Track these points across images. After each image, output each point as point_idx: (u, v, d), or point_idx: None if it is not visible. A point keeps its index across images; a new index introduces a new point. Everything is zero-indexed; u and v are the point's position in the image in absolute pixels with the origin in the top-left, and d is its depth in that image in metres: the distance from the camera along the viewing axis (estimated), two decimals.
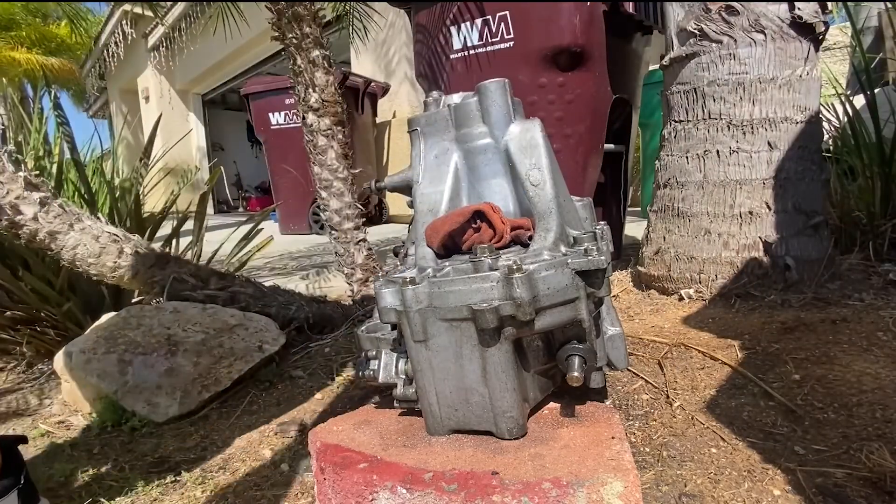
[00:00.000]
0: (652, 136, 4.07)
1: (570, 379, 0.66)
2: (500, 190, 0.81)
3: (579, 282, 0.65)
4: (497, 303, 0.62)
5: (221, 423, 1.07)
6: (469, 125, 0.82)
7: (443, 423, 0.71)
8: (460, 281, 0.64)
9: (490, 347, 0.65)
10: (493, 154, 0.81)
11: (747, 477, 0.74)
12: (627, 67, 2.25)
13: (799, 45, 1.54)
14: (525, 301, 0.61)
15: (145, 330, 1.21)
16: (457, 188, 0.83)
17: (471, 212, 0.74)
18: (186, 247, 1.95)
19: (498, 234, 0.74)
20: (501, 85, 0.81)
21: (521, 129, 0.80)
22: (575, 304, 0.66)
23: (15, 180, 1.31)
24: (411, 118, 0.87)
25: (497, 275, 0.63)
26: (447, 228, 0.74)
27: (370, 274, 1.74)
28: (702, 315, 1.45)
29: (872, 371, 1.01)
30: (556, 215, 0.72)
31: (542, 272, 0.63)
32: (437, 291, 0.66)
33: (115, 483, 0.84)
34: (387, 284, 0.70)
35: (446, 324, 0.66)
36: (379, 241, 3.71)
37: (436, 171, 0.83)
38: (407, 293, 0.67)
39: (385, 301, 0.69)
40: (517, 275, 0.61)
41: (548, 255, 0.67)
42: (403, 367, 0.78)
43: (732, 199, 1.57)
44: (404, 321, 0.68)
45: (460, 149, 0.83)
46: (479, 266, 0.66)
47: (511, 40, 1.98)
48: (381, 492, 0.61)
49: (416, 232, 0.79)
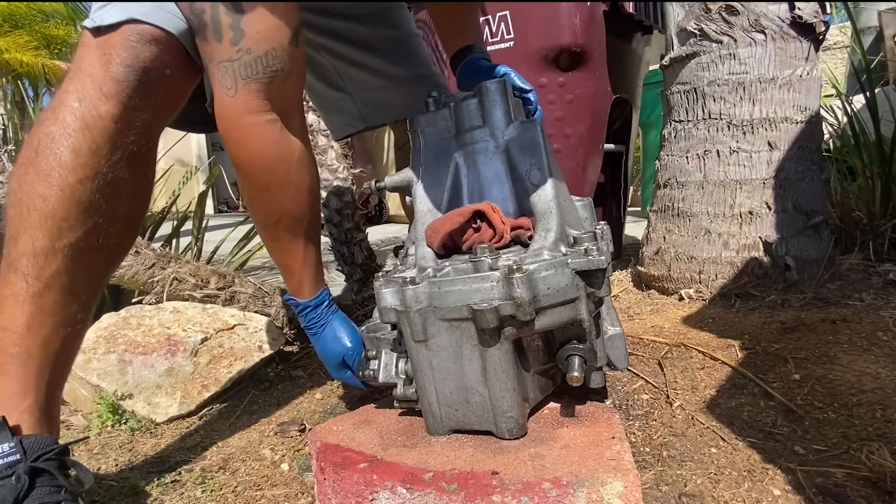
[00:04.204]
0: (651, 135, 4.07)
1: (570, 379, 0.66)
2: (501, 190, 0.81)
3: (579, 282, 0.65)
4: (497, 303, 0.62)
5: (221, 423, 1.07)
6: (469, 125, 0.82)
7: (443, 422, 0.71)
8: (460, 281, 0.64)
9: (490, 347, 0.65)
10: (494, 154, 0.81)
11: (747, 477, 0.74)
12: (627, 67, 2.25)
13: (799, 45, 1.54)
14: (525, 301, 0.61)
15: (145, 330, 1.21)
16: (457, 188, 0.82)
17: (471, 212, 0.74)
18: (186, 247, 1.95)
19: (498, 233, 0.73)
20: (501, 85, 0.82)
21: (522, 129, 0.80)
22: (575, 304, 0.66)
23: None
24: (411, 118, 0.87)
25: (497, 275, 0.63)
26: (447, 228, 0.74)
27: (370, 274, 1.74)
28: (702, 315, 1.45)
29: (872, 371, 1.01)
30: (556, 215, 0.72)
31: (542, 272, 0.63)
32: (437, 291, 0.66)
33: (115, 483, 0.84)
34: (387, 284, 0.69)
35: (446, 324, 0.66)
36: (379, 240, 3.71)
37: (436, 171, 0.83)
38: (407, 293, 0.66)
39: (385, 301, 0.69)
40: (517, 275, 0.61)
41: (548, 255, 0.67)
42: (403, 367, 0.78)
43: (732, 199, 1.57)
44: (404, 321, 0.68)
45: (461, 149, 0.83)
46: (479, 266, 0.66)
47: (511, 40, 1.98)
48: (381, 492, 0.61)
49: (416, 232, 0.79)
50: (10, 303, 0.66)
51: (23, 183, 0.68)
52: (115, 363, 1.13)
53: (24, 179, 0.68)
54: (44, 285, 0.67)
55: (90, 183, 0.69)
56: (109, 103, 0.69)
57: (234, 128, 0.77)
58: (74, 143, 0.68)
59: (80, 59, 0.71)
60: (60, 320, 0.70)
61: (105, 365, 1.12)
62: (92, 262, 0.73)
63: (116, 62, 0.70)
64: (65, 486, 0.64)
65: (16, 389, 0.66)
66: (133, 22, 0.72)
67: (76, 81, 0.70)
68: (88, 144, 0.68)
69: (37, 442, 0.65)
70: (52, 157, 0.67)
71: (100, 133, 0.69)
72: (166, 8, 0.74)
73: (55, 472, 0.64)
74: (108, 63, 0.70)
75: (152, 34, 0.73)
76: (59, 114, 0.69)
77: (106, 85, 0.70)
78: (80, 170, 0.68)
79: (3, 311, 0.67)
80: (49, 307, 0.68)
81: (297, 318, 0.94)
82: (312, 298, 0.91)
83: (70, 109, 0.68)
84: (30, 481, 0.62)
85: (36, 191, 0.67)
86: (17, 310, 0.66)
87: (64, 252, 0.68)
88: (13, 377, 0.66)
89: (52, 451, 0.65)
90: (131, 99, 0.71)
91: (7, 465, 0.62)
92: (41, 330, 0.68)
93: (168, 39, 0.74)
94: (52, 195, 0.67)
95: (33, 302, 0.67)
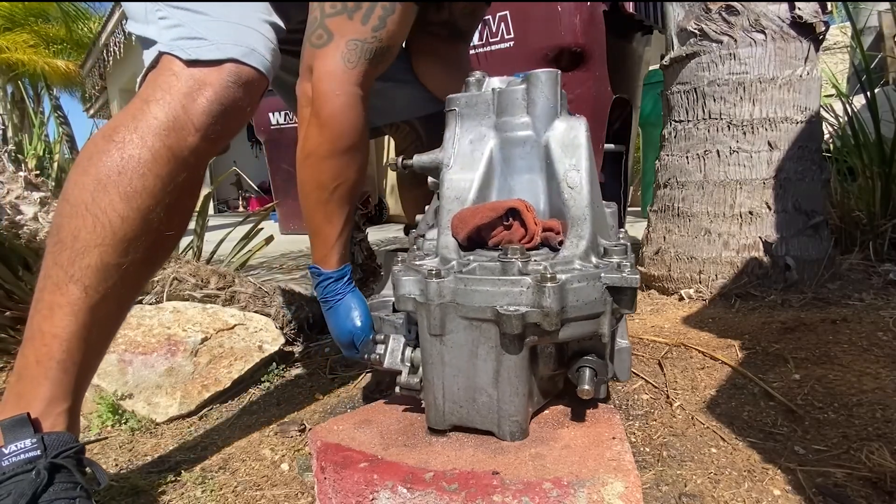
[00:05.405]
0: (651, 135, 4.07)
1: (580, 392, 0.65)
2: (532, 186, 0.76)
3: (608, 297, 0.64)
4: (524, 309, 0.60)
5: (221, 423, 1.07)
6: (511, 113, 0.77)
7: (444, 417, 0.70)
8: (489, 281, 0.62)
9: (508, 352, 0.64)
10: (532, 148, 0.76)
11: (747, 477, 0.74)
12: (627, 67, 2.25)
13: (799, 44, 1.54)
14: (553, 311, 0.59)
15: (145, 330, 1.21)
16: (488, 178, 0.78)
17: (504, 208, 0.70)
18: (186, 247, 1.95)
19: (529, 234, 0.70)
20: (554, 76, 0.76)
21: (566, 127, 0.75)
22: (600, 318, 0.64)
23: (15, 180, 1.31)
24: (451, 97, 0.81)
25: (528, 280, 0.61)
26: (477, 221, 0.71)
27: (370, 274, 1.74)
28: (702, 315, 1.45)
29: (872, 371, 1.01)
30: (589, 223, 0.69)
31: (573, 283, 0.61)
32: (462, 289, 0.63)
33: (115, 483, 0.84)
34: (407, 272, 0.67)
35: (466, 322, 0.64)
36: (379, 240, 3.71)
37: (469, 158, 0.78)
38: (431, 286, 0.64)
39: (404, 289, 0.67)
40: (549, 284, 0.59)
41: (579, 265, 0.65)
42: (410, 355, 0.76)
43: (732, 199, 1.57)
44: (423, 313, 0.66)
45: (498, 137, 0.78)
46: (508, 268, 0.63)
47: (511, 40, 1.99)
48: (381, 491, 0.61)
49: (440, 218, 0.75)
50: (66, 312, 0.68)
51: (99, 199, 0.70)
52: (115, 363, 1.13)
53: (101, 196, 0.70)
54: (101, 297, 0.70)
55: (162, 206, 0.73)
56: (196, 136, 0.74)
57: (343, 93, 0.85)
58: (161, 171, 0.72)
59: (169, 86, 0.75)
60: (107, 330, 0.74)
61: (105, 365, 1.12)
62: (143, 275, 0.78)
63: (211, 99, 0.75)
64: (81, 484, 0.65)
65: (57, 394, 0.69)
66: (233, 62, 0.78)
67: (167, 109, 0.73)
68: (170, 173, 0.73)
69: (58, 439, 0.66)
70: (139, 182, 0.71)
71: (183, 162, 0.74)
72: (257, 42, 0.81)
73: (73, 469, 0.65)
74: (201, 98, 0.75)
75: (248, 77, 0.80)
76: (147, 139, 0.72)
77: (199, 119, 0.74)
78: (159, 195, 0.72)
79: (55, 319, 0.68)
80: (101, 318, 0.71)
81: (315, 289, 0.95)
82: (336, 270, 0.93)
83: (160, 137, 0.72)
84: (48, 477, 0.63)
85: (116, 210, 0.70)
86: (70, 319, 0.68)
87: (125, 268, 0.71)
88: (56, 383, 0.68)
89: (72, 448, 0.67)
90: (213, 133, 0.76)
91: (28, 461, 0.63)
92: (89, 338, 0.70)
93: (260, 81, 0.82)
94: (131, 217, 0.70)
95: (89, 313, 0.69)
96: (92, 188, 0.70)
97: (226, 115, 0.77)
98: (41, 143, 2.13)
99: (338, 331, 0.93)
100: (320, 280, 0.93)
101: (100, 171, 0.70)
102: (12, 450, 0.63)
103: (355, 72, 0.85)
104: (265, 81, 0.83)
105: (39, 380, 0.68)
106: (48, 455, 0.64)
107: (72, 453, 0.66)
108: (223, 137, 0.80)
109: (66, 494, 0.63)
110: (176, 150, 0.73)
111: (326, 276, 0.93)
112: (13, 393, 0.68)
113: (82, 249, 0.69)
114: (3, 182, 1.30)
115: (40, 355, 0.68)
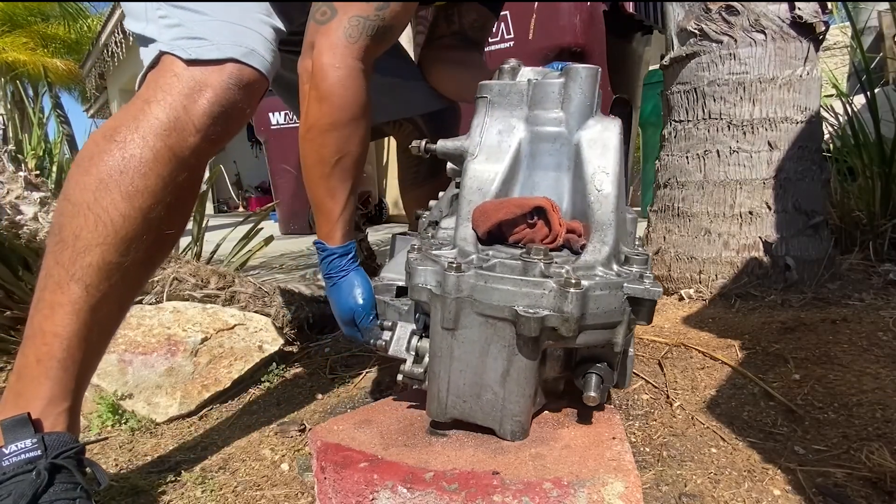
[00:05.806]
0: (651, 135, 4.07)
1: (586, 398, 0.65)
2: (557, 184, 0.74)
3: (626, 307, 0.63)
4: (544, 312, 0.59)
5: (221, 423, 1.07)
6: (544, 107, 0.74)
7: (446, 410, 0.70)
8: (510, 280, 0.61)
9: (521, 353, 0.63)
10: (562, 145, 0.74)
11: (747, 477, 0.74)
12: (627, 67, 2.25)
13: (799, 44, 1.54)
14: (574, 318, 0.59)
15: (145, 330, 1.21)
16: (513, 172, 0.75)
17: (530, 206, 0.68)
18: (186, 247, 1.95)
19: (552, 234, 0.69)
20: (594, 73, 0.74)
21: (601, 127, 0.73)
22: (616, 328, 0.63)
23: (15, 180, 1.31)
24: (483, 83, 0.79)
25: (551, 284, 0.59)
26: (500, 216, 0.69)
27: (371, 274, 1.74)
28: (702, 315, 1.45)
29: (872, 371, 1.01)
30: (614, 229, 0.67)
31: (596, 290, 0.60)
32: (482, 285, 0.62)
33: (115, 483, 0.84)
34: (423, 261, 0.66)
35: (482, 319, 0.63)
36: (379, 240, 3.71)
37: (496, 149, 0.75)
38: (450, 279, 0.62)
39: (420, 279, 0.65)
40: (573, 290, 0.58)
41: (601, 272, 0.64)
42: (416, 344, 0.75)
43: (732, 199, 1.57)
44: (437, 305, 0.64)
45: (528, 130, 0.75)
46: (530, 268, 0.62)
47: (511, 40, 1.99)
48: (381, 491, 0.61)
49: (460, 208, 0.73)
50: (67, 310, 0.68)
51: (101, 198, 0.70)
52: (115, 363, 1.13)
53: (103, 195, 0.70)
54: (102, 296, 0.70)
55: (163, 205, 0.74)
56: (197, 136, 0.75)
57: (343, 66, 0.85)
58: (162, 171, 0.73)
59: (170, 87, 0.75)
60: (107, 329, 0.75)
61: (105, 365, 1.12)
62: (143, 274, 0.79)
63: (211, 100, 0.76)
64: (81, 484, 0.65)
65: (57, 393, 0.69)
66: (233, 62, 0.78)
67: (168, 110, 0.74)
68: (171, 172, 0.73)
69: (58, 439, 0.66)
70: (141, 181, 0.71)
71: (183, 162, 0.75)
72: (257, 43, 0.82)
73: (74, 469, 0.65)
74: (202, 99, 0.75)
75: (250, 78, 0.80)
76: (149, 139, 0.72)
77: (199, 120, 0.75)
78: (160, 194, 0.73)
79: (56, 318, 0.69)
80: (102, 317, 0.71)
81: (320, 265, 0.95)
82: (341, 246, 0.93)
83: (161, 137, 0.73)
84: (49, 477, 0.63)
85: (118, 209, 0.70)
86: (71, 318, 0.69)
87: (126, 267, 0.72)
88: (56, 381, 0.69)
89: (72, 449, 0.67)
90: (214, 133, 0.77)
91: (28, 461, 0.63)
92: (90, 337, 0.71)
93: (260, 82, 0.82)
94: (133, 216, 0.71)
95: (90, 311, 0.69)
96: (94, 187, 0.70)
97: (226, 116, 0.78)
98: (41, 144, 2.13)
99: (339, 307, 0.93)
100: (325, 255, 0.93)
101: (101, 171, 0.71)
102: (13, 450, 0.63)
103: (356, 46, 0.85)
104: (265, 82, 0.84)
105: (40, 379, 0.68)
106: (48, 455, 0.64)
107: (72, 453, 0.66)
108: (223, 138, 0.80)
109: (66, 495, 0.63)
110: (177, 150, 0.73)
111: (331, 252, 0.92)
112: (13, 392, 0.68)
113: (84, 248, 0.69)
114: (3, 182, 1.30)
115: (41, 354, 0.68)
